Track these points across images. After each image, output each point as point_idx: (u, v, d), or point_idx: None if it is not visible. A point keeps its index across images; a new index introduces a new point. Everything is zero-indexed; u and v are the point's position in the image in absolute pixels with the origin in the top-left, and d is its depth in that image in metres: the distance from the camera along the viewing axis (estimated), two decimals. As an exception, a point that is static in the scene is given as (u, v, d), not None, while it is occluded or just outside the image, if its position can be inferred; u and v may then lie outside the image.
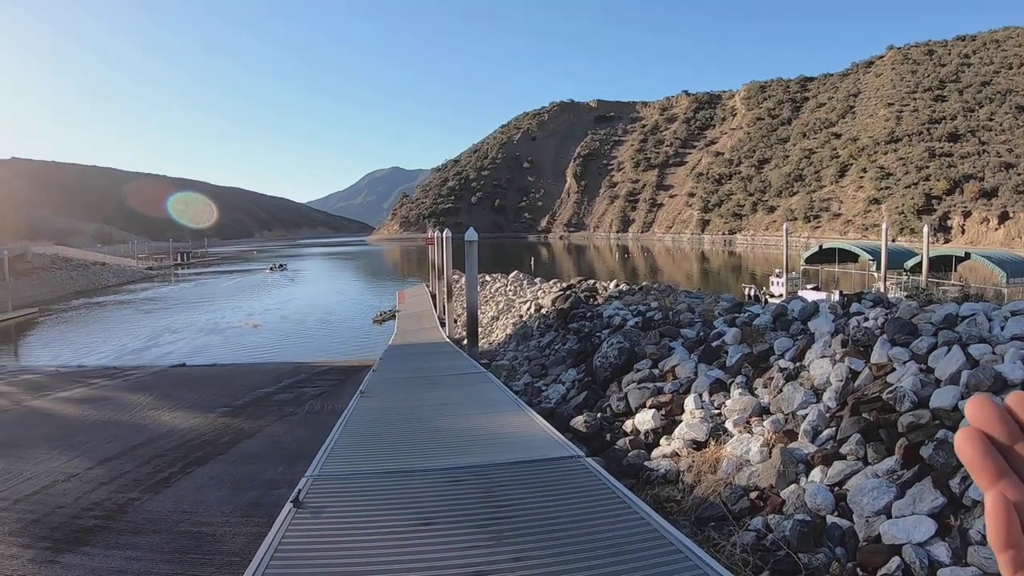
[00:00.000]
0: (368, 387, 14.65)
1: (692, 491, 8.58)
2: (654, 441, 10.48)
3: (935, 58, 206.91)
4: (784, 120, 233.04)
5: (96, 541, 9.33)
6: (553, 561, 5.52)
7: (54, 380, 25.62)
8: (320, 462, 8.53)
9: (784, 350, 11.07)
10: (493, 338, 29.47)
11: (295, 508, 6.84)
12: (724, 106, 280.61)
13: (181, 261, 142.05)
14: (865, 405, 8.23)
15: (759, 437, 8.99)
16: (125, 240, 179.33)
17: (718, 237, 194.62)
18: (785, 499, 7.62)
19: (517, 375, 18.93)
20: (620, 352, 14.16)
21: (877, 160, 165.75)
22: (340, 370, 25.54)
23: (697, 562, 5.37)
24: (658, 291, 25.76)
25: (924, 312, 10.09)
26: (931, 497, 6.49)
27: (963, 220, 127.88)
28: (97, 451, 14.22)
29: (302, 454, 11.34)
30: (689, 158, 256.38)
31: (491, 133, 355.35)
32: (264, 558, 5.67)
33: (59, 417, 18.66)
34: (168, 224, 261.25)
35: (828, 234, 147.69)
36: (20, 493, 11.44)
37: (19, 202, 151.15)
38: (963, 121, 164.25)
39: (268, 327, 46.30)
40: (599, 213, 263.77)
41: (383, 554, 5.81)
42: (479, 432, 10.04)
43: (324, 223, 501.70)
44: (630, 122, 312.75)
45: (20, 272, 74.83)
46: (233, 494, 11.13)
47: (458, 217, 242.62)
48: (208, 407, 18.86)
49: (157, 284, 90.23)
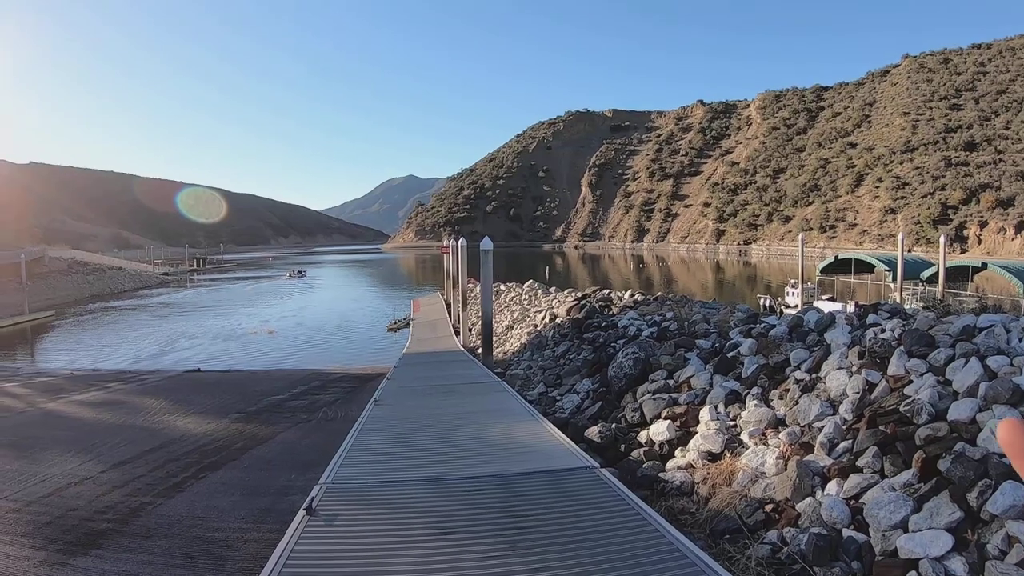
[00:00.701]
0: (382, 395, 14.62)
1: (707, 503, 8.52)
2: (669, 452, 10.43)
3: (951, 66, 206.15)
4: (799, 129, 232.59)
5: (108, 544, 9.34)
6: (570, 573, 5.48)
7: (69, 383, 25.75)
8: (334, 470, 8.50)
9: (800, 361, 11.00)
10: (508, 347, 29.45)
11: (308, 516, 6.81)
12: (739, 115, 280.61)
13: (197, 267, 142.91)
14: (882, 417, 8.17)
15: (775, 449, 8.93)
16: (141, 245, 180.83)
17: (733, 247, 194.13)
18: (801, 512, 7.56)
19: (532, 384, 18.90)
20: (635, 362, 14.11)
21: (893, 170, 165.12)
22: (354, 377, 25.56)
23: (712, 575, 5.33)
24: (673, 301, 25.66)
25: (941, 324, 10.01)
26: (948, 511, 6.42)
27: (980, 230, 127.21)
28: (111, 454, 14.26)
29: (315, 461, 11.32)
30: (704, 168, 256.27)
31: (506, 142, 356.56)
32: (276, 565, 5.65)
33: (73, 420, 18.73)
34: (184, 230, 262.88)
35: (844, 244, 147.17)
36: (34, 495, 11.48)
37: (36, 206, 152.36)
38: (979, 130, 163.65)
39: (283, 333, 46.45)
40: (614, 223, 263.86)
41: (399, 564, 5.77)
42: (494, 441, 10.00)
43: (339, 231, 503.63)
44: (645, 132, 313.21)
45: (37, 275, 75.49)
46: (246, 500, 11.13)
47: (473, 226, 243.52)
48: (222, 412, 18.89)
49: (173, 289, 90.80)
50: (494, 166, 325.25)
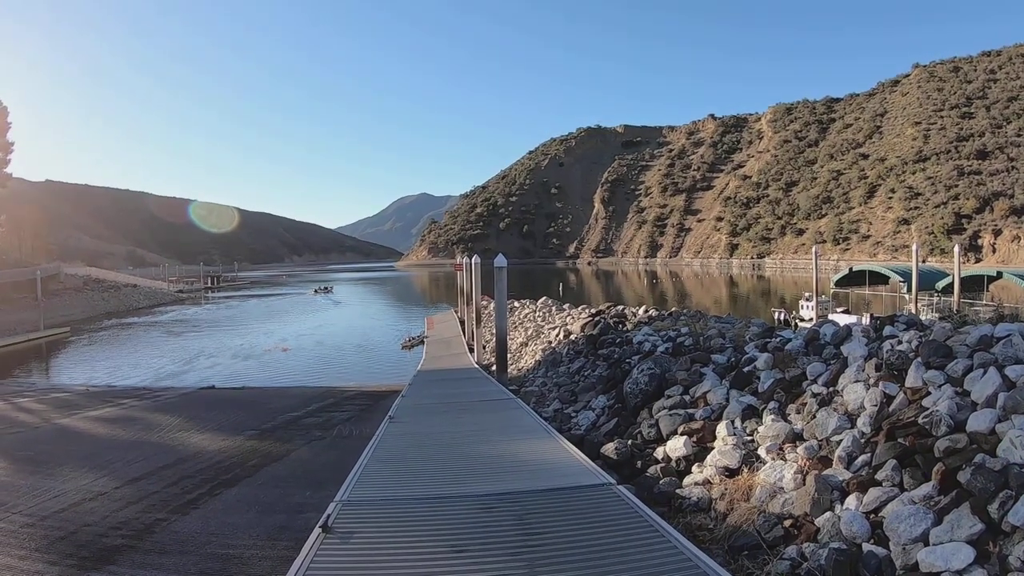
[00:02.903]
0: (397, 412, 14.62)
1: (725, 519, 8.46)
2: (686, 468, 10.36)
3: (961, 74, 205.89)
4: (811, 142, 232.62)
5: (123, 560, 9.35)
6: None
7: (83, 399, 25.81)
8: (349, 487, 8.49)
9: (817, 375, 10.92)
10: (522, 364, 29.39)
11: (324, 533, 6.79)
12: (751, 129, 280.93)
13: (211, 284, 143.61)
14: (900, 430, 8.09)
15: (792, 464, 8.86)
16: (156, 263, 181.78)
17: (746, 261, 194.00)
18: (820, 527, 7.48)
19: (547, 401, 18.87)
20: (651, 378, 14.05)
21: (905, 180, 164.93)
22: (369, 395, 25.53)
23: (732, 592, 5.28)
24: (688, 316, 25.63)
25: (958, 334, 9.92)
26: (969, 523, 6.34)
27: (994, 239, 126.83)
28: (125, 470, 14.28)
29: (330, 479, 11.31)
30: (716, 182, 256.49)
31: (519, 159, 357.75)
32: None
33: (88, 436, 18.77)
34: (199, 248, 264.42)
35: (858, 256, 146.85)
36: (48, 510, 11.51)
37: (52, 223, 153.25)
38: (991, 138, 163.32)
39: (298, 351, 46.46)
40: (627, 238, 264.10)
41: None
42: (509, 458, 9.97)
43: (353, 249, 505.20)
44: (657, 147, 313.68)
45: (52, 292, 76.07)
46: (260, 517, 11.11)
47: (486, 243, 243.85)
48: (236, 430, 18.90)
49: (188, 306, 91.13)
50: (507, 183, 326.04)
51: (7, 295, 68.19)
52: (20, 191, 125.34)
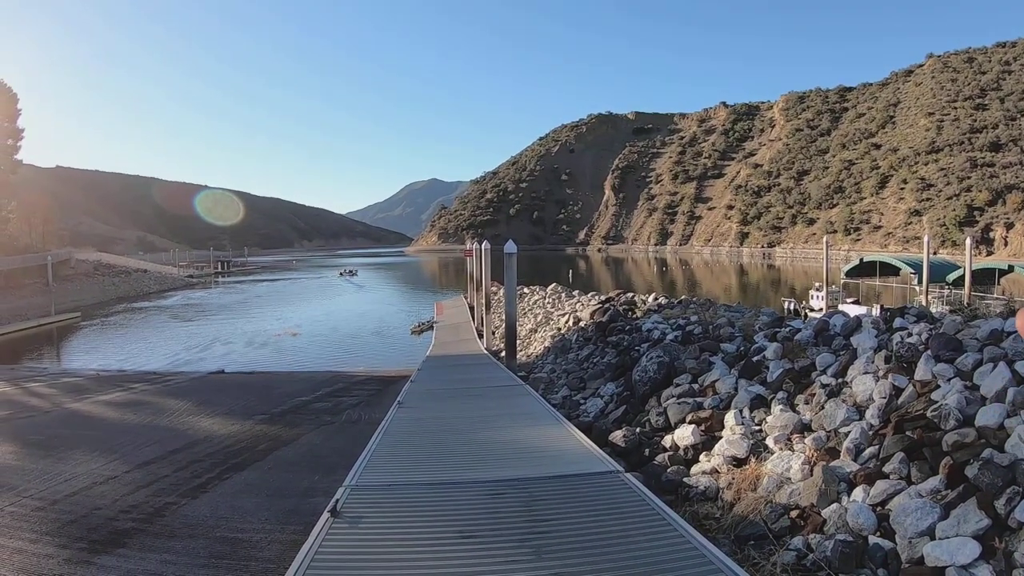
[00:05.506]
0: (406, 398, 14.65)
1: (732, 508, 8.46)
2: (693, 457, 10.36)
3: (975, 66, 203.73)
4: (823, 131, 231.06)
5: (132, 543, 9.41)
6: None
7: (94, 383, 25.97)
8: (358, 472, 8.52)
9: (826, 366, 10.90)
10: (531, 351, 29.42)
11: (332, 518, 6.83)
12: (762, 117, 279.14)
13: (221, 270, 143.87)
14: (909, 423, 8.08)
15: (800, 454, 8.86)
16: (166, 248, 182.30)
17: (757, 250, 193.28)
18: (826, 518, 7.48)
19: (555, 388, 18.87)
20: (659, 366, 14.05)
21: (918, 171, 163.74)
22: (378, 380, 25.61)
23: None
24: (697, 305, 25.57)
25: (969, 327, 9.88)
26: (976, 518, 6.34)
27: (1006, 232, 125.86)
28: (135, 454, 14.38)
29: (339, 463, 11.37)
30: (727, 170, 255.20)
31: (529, 145, 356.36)
32: (301, 567, 5.67)
33: (98, 420, 18.90)
34: (209, 233, 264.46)
35: (868, 247, 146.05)
36: (59, 494, 11.60)
37: (63, 209, 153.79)
38: (1005, 130, 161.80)
39: (308, 336, 46.63)
40: (637, 226, 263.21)
41: (423, 567, 5.78)
42: (518, 445, 9.99)
43: (363, 234, 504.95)
44: (668, 134, 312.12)
45: (63, 278, 76.47)
46: (270, 501, 11.18)
47: (496, 229, 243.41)
48: (246, 414, 18.99)
49: (198, 291, 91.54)
50: (517, 169, 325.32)
51: (19, 280, 68.66)
52: (30, 177, 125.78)
